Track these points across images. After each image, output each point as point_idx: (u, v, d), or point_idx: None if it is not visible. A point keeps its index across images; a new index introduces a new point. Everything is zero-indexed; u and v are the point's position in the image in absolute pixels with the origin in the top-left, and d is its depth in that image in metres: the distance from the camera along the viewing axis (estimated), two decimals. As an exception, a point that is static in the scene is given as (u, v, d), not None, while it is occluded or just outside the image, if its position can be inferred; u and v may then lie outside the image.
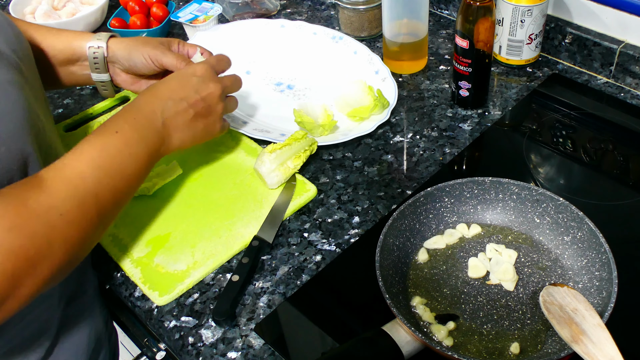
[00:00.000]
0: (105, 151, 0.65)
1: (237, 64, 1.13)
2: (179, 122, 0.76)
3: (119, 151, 0.67)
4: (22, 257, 0.55)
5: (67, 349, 0.77)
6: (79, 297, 0.80)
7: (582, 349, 0.61)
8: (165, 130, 0.75)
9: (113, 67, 0.89)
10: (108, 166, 0.65)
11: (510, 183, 0.79)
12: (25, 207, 0.56)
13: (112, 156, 0.66)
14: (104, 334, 0.87)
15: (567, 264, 0.75)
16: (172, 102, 0.76)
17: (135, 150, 0.69)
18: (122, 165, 0.66)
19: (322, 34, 1.17)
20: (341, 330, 0.74)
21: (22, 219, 0.55)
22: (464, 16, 0.92)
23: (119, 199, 0.67)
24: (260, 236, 0.82)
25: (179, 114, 0.76)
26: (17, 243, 0.54)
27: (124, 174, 0.67)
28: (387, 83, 1.06)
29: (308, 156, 0.92)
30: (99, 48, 0.85)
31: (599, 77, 1.07)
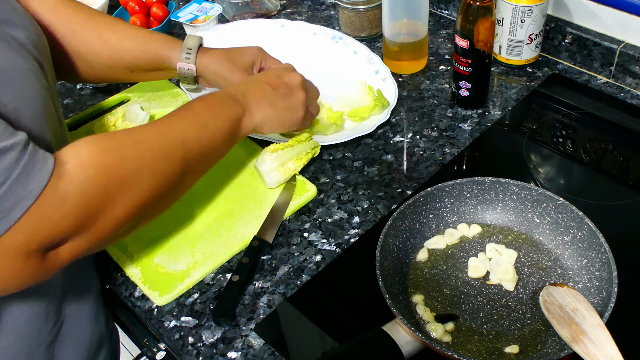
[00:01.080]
0: (190, 110, 0.72)
1: (237, 64, 1.13)
2: (258, 95, 0.81)
3: (203, 111, 0.73)
4: (114, 174, 0.59)
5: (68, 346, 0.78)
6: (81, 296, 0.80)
7: (582, 349, 0.61)
8: (245, 101, 0.79)
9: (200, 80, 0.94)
10: (192, 120, 0.71)
11: (510, 183, 0.79)
12: (116, 137, 0.63)
13: (197, 114, 0.72)
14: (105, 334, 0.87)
15: (567, 264, 0.75)
16: (255, 83, 0.82)
17: (218, 112, 0.75)
18: (207, 122, 0.72)
19: (322, 34, 1.17)
20: (341, 330, 0.74)
21: (113, 144, 0.61)
22: (464, 16, 0.92)
23: (204, 152, 0.72)
24: (260, 236, 0.82)
25: (259, 90, 0.81)
26: (110, 161, 0.59)
27: (208, 130, 0.72)
28: (387, 83, 1.06)
29: (310, 159, 0.92)
30: (189, 70, 0.90)
31: (599, 77, 1.07)
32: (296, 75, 0.86)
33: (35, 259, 0.56)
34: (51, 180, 0.54)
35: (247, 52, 0.93)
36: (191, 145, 0.69)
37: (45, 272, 0.58)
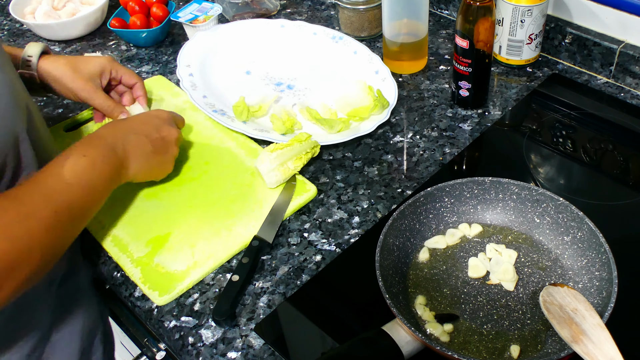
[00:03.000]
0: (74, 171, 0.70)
1: (237, 64, 1.13)
2: (137, 153, 0.80)
3: (87, 171, 0.71)
4: (4, 260, 0.57)
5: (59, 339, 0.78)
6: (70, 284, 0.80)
7: (582, 349, 0.61)
8: (125, 157, 0.78)
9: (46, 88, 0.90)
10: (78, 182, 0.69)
11: (510, 183, 0.79)
12: (6, 214, 0.60)
13: (81, 174, 0.70)
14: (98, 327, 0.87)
15: (567, 264, 0.75)
16: (134, 136, 0.80)
17: (101, 170, 0.74)
18: (90, 182, 0.71)
19: (322, 34, 1.17)
20: (341, 330, 0.74)
21: (4, 224, 0.59)
22: (464, 16, 0.92)
23: (87, 210, 0.72)
24: (260, 236, 0.82)
25: (138, 146, 0.80)
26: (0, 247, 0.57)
27: (92, 189, 0.72)
28: (387, 83, 1.06)
29: (309, 159, 0.92)
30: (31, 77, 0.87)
31: (599, 77, 1.07)
32: (173, 131, 0.86)
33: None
34: None
35: (95, 61, 0.91)
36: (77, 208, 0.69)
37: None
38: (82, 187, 0.70)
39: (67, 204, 0.67)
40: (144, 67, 1.19)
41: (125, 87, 0.98)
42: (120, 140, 0.78)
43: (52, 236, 0.64)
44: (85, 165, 0.71)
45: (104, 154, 0.75)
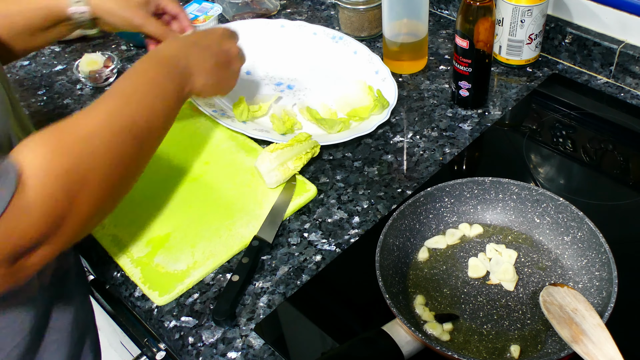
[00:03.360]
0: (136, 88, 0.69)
1: (237, 64, 1.13)
2: (201, 66, 0.79)
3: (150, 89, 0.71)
4: (73, 174, 0.58)
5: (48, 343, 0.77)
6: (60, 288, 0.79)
7: (582, 349, 0.61)
8: (187, 71, 0.77)
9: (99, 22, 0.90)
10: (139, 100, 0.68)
11: (510, 183, 0.79)
12: (68, 134, 0.60)
13: (143, 92, 0.70)
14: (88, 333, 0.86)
15: (567, 264, 0.75)
16: (197, 48, 0.80)
17: (164, 87, 0.73)
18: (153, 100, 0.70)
19: (322, 34, 1.17)
20: (341, 330, 0.74)
21: (66, 143, 0.59)
22: (464, 16, 0.92)
23: (153, 132, 0.70)
24: (260, 236, 0.82)
25: (202, 60, 0.80)
26: (66, 163, 0.57)
27: (155, 108, 0.70)
28: (387, 83, 1.06)
29: (309, 159, 0.92)
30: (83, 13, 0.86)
31: (599, 77, 1.07)
32: (235, 45, 0.87)
33: (4, 268, 0.55)
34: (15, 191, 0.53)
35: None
36: (140, 129, 0.67)
37: (16, 280, 0.58)
38: (144, 106, 0.68)
39: (129, 124, 0.66)
40: (144, 67, 1.19)
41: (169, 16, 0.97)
42: (182, 54, 0.77)
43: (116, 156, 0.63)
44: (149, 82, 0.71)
45: (168, 70, 0.74)
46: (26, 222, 0.54)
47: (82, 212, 0.59)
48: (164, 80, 0.73)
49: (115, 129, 0.64)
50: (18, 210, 0.53)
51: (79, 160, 0.59)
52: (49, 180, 0.56)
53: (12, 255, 0.55)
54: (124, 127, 0.65)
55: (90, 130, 0.62)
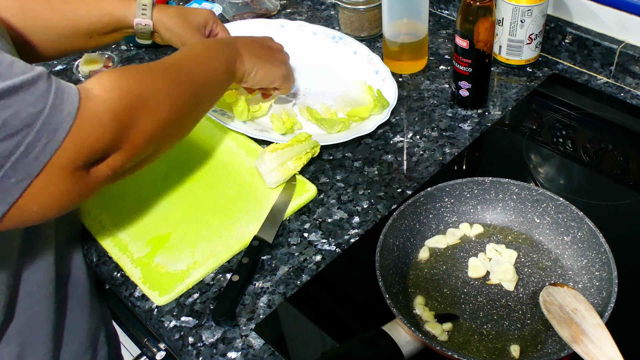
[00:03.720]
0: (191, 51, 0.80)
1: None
2: (247, 46, 0.89)
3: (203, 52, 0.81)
4: (136, 94, 0.65)
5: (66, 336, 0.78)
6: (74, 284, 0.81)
7: (582, 349, 0.61)
8: (237, 49, 0.87)
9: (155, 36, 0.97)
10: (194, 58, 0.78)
11: (510, 183, 0.79)
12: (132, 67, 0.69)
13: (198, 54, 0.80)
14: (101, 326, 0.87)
15: (567, 264, 0.75)
16: (243, 39, 0.90)
17: (215, 54, 0.82)
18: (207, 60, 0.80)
19: (322, 34, 1.17)
20: (341, 330, 0.74)
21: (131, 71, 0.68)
22: (464, 16, 0.92)
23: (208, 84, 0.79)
24: (260, 236, 0.82)
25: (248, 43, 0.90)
26: (130, 83, 0.65)
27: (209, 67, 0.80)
28: (387, 83, 1.06)
29: (309, 159, 0.92)
30: (146, 26, 0.92)
31: (599, 77, 1.07)
32: (277, 44, 0.96)
33: (81, 176, 0.60)
34: (81, 102, 0.59)
35: (200, 13, 0.95)
36: (197, 77, 0.76)
37: (91, 186, 0.63)
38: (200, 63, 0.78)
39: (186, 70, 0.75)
40: (144, 67, 1.19)
41: None
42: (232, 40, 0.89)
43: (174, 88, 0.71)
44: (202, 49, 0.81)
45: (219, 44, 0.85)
46: (97, 130, 0.60)
47: (145, 128, 0.65)
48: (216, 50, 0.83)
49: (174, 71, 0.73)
50: (89, 116, 0.59)
51: (141, 85, 0.66)
52: (114, 96, 0.62)
53: (87, 160, 0.60)
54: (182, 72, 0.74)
55: (153, 67, 0.71)
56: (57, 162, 0.57)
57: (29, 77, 0.55)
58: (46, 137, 0.55)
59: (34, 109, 0.55)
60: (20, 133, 0.54)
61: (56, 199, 0.60)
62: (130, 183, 0.89)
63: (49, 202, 0.59)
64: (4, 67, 0.55)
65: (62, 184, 0.59)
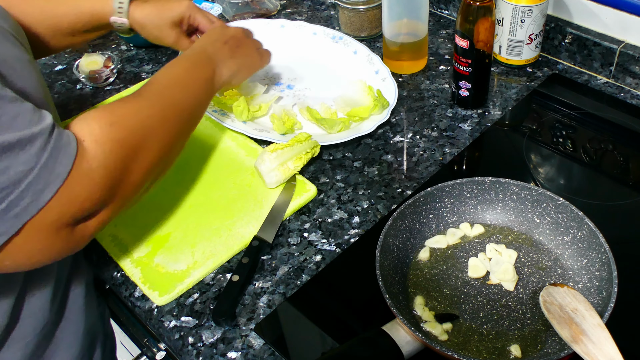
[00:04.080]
0: (171, 76, 0.79)
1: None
2: (220, 56, 0.88)
3: (182, 76, 0.80)
4: (127, 145, 0.64)
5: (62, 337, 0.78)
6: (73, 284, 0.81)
7: (582, 349, 0.61)
8: (214, 62, 0.86)
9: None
10: (176, 85, 0.78)
11: (510, 183, 0.79)
12: (119, 110, 0.67)
13: (177, 79, 0.79)
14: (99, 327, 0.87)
15: (567, 264, 0.75)
16: (209, 44, 0.89)
17: (194, 74, 0.82)
18: (189, 84, 0.80)
19: (322, 34, 1.17)
20: (341, 330, 0.74)
21: (119, 117, 0.65)
22: (464, 16, 0.92)
23: (191, 110, 0.79)
24: (260, 236, 0.82)
25: (218, 50, 0.88)
26: (121, 135, 0.64)
27: (191, 90, 0.80)
28: (387, 83, 1.06)
29: (309, 159, 0.92)
30: (122, 24, 0.92)
31: (599, 77, 1.07)
32: (234, 29, 0.94)
33: (66, 233, 0.60)
34: (75, 160, 0.58)
35: (176, 9, 0.94)
36: (181, 108, 0.76)
37: (76, 244, 0.62)
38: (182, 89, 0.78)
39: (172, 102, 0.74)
40: (144, 67, 1.19)
41: None
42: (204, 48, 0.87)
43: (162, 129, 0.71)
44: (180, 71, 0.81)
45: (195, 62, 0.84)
46: (88, 187, 0.59)
47: (136, 178, 0.66)
48: (194, 70, 0.82)
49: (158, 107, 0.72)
50: (80, 176, 0.58)
51: (132, 132, 0.65)
52: (107, 149, 0.61)
53: (75, 218, 0.59)
54: (168, 104, 0.73)
55: (139, 106, 0.69)
56: (39, 221, 0.56)
57: (27, 134, 0.54)
58: (30, 197, 0.54)
59: (23, 167, 0.54)
60: (4, 190, 0.53)
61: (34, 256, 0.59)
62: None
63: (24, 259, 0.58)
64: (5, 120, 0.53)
65: (43, 242, 0.58)
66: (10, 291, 0.70)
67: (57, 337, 0.78)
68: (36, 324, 0.74)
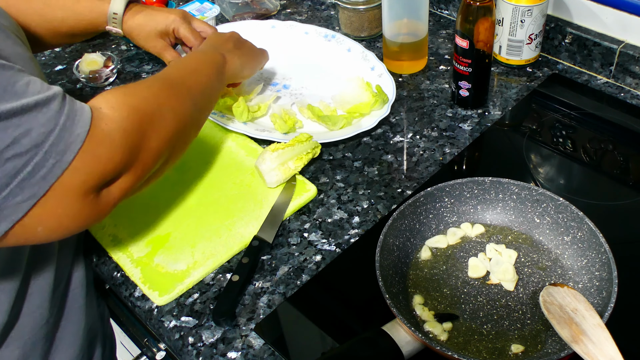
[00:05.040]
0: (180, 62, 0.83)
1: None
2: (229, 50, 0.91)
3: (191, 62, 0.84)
4: (142, 112, 0.65)
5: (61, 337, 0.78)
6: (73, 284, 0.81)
7: (582, 349, 0.61)
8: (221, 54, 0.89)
9: None
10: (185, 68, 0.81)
11: (510, 183, 0.79)
12: (132, 85, 0.69)
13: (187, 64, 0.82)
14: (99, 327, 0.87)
15: (567, 264, 0.75)
16: (212, 48, 0.91)
17: (204, 59, 0.85)
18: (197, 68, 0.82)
19: (314, 33, 1.17)
20: (341, 330, 0.74)
21: (131, 90, 0.68)
22: (464, 16, 0.92)
23: (203, 91, 0.80)
24: (260, 236, 0.82)
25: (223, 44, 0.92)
26: (135, 102, 0.65)
27: (201, 74, 0.82)
28: (384, 79, 1.06)
29: (310, 159, 0.92)
30: (117, 32, 0.95)
31: (599, 77, 1.07)
32: (231, 33, 0.96)
33: (92, 198, 0.60)
34: (93, 122, 0.59)
35: (162, 21, 0.96)
36: (193, 87, 0.77)
37: (102, 210, 0.63)
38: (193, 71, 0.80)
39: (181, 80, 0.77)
40: (144, 67, 1.19)
41: None
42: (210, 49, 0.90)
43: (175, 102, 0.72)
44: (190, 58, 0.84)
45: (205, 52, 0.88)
46: (108, 151, 0.60)
47: (154, 145, 0.66)
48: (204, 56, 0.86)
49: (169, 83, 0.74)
50: (100, 137, 0.59)
51: (146, 101, 0.67)
52: (123, 114, 0.63)
53: (98, 182, 0.60)
54: (177, 83, 0.75)
55: (150, 82, 0.72)
56: (67, 184, 0.57)
57: (43, 97, 0.56)
58: (54, 158, 0.56)
59: (44, 129, 0.55)
60: (29, 152, 0.54)
61: (63, 222, 0.60)
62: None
63: (55, 225, 0.59)
64: (20, 86, 0.55)
65: (71, 207, 0.59)
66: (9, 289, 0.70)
67: (57, 336, 0.79)
68: (35, 323, 0.74)
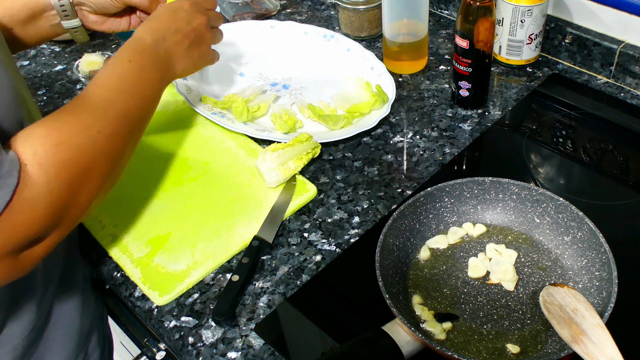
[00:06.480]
0: (125, 78, 0.72)
1: (230, 67, 1.13)
2: (177, 51, 0.82)
3: (137, 76, 0.73)
4: (74, 167, 0.60)
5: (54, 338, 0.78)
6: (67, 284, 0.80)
7: (582, 349, 0.61)
8: (167, 59, 0.80)
9: (81, 11, 0.89)
10: (129, 89, 0.72)
11: (510, 183, 0.79)
12: (67, 126, 0.61)
13: (132, 81, 0.73)
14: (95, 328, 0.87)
15: (567, 264, 0.75)
16: (169, 34, 0.81)
17: (148, 74, 0.75)
18: (141, 88, 0.74)
19: (313, 33, 1.17)
20: (341, 330, 0.74)
21: (66, 136, 0.60)
22: (464, 16, 0.92)
23: (143, 116, 0.74)
24: (260, 236, 0.82)
25: (176, 44, 0.82)
26: (67, 155, 0.59)
27: (144, 95, 0.74)
28: (384, 78, 1.06)
29: (310, 159, 0.92)
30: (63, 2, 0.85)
31: (599, 77, 1.07)
32: (202, 18, 0.86)
33: (10, 260, 0.57)
34: (17, 189, 0.55)
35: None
36: (133, 115, 0.71)
37: (22, 269, 0.60)
38: (134, 95, 0.72)
39: (123, 112, 0.69)
40: (144, 67, 1.19)
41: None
42: (159, 40, 0.79)
43: (113, 143, 0.66)
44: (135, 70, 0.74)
45: (151, 60, 0.77)
46: (31, 215, 0.56)
47: (84, 199, 0.62)
48: (148, 70, 0.76)
49: (110, 117, 0.67)
50: (23, 204, 0.55)
51: (81, 152, 0.61)
52: (51, 173, 0.57)
53: (17, 247, 0.57)
54: (119, 114, 0.68)
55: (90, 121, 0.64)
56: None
57: None
58: None
59: None
60: None
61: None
62: (130, 183, 0.89)
63: None
64: None
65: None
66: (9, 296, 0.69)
67: (48, 338, 0.77)
68: (23, 327, 0.73)
